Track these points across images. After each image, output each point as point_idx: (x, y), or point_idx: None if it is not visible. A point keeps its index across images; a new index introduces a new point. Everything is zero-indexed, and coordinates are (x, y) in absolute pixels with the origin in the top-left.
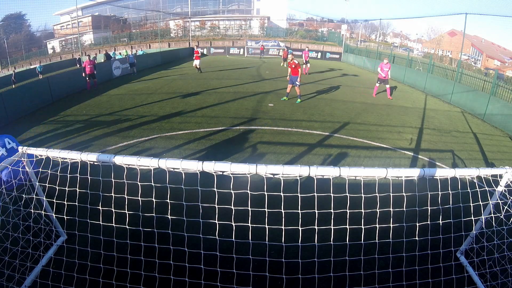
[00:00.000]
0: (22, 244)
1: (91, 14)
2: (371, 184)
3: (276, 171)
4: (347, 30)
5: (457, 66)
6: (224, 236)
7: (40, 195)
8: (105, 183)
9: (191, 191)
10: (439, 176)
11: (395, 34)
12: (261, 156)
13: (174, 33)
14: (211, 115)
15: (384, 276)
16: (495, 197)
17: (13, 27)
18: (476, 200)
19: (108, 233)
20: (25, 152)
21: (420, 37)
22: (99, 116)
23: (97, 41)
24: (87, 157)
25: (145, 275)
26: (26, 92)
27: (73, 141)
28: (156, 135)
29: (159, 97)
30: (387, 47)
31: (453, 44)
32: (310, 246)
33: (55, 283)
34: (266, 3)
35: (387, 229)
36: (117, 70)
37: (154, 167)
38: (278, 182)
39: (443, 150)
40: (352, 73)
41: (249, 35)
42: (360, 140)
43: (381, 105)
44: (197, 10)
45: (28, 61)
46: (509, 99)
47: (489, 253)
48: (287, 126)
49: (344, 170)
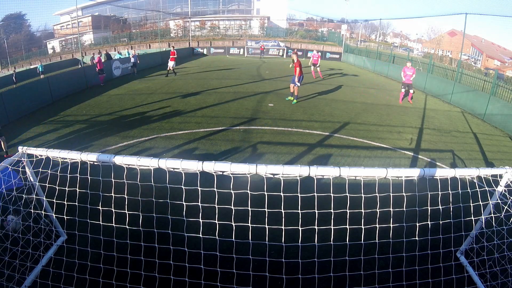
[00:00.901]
0: (21, 244)
1: (91, 14)
2: (371, 184)
3: (276, 171)
4: (347, 30)
5: (457, 66)
6: (224, 236)
7: (40, 195)
8: (105, 183)
9: (191, 191)
10: (439, 176)
11: (395, 34)
12: (261, 156)
13: (174, 33)
14: (211, 115)
15: (384, 276)
16: (495, 197)
17: (13, 27)
18: (476, 200)
19: (108, 233)
20: (25, 152)
21: (420, 37)
22: (99, 116)
23: (97, 41)
24: (87, 157)
25: (145, 275)
26: (26, 92)
27: (73, 141)
28: (156, 135)
29: (159, 97)
30: (387, 47)
31: (453, 44)
32: (310, 246)
33: (55, 283)
34: (266, 3)
35: (387, 229)
36: (117, 70)
37: (154, 167)
38: (278, 182)
39: (443, 150)
40: (352, 73)
41: (249, 35)
42: (360, 140)
43: (381, 105)
44: (197, 10)
45: (28, 61)
46: (509, 99)
47: (489, 253)
48: (287, 126)
49: (344, 170)
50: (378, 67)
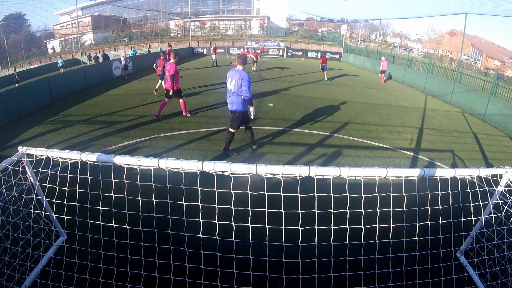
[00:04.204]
0: (21, 244)
1: (91, 14)
2: (371, 184)
3: (276, 171)
4: (347, 30)
5: (457, 66)
6: (224, 236)
7: (40, 195)
8: (105, 183)
9: (191, 191)
10: (439, 176)
11: (395, 34)
12: (261, 156)
13: (174, 33)
14: (211, 115)
15: (384, 276)
16: (495, 197)
17: (13, 27)
18: (476, 200)
19: (108, 233)
20: (25, 152)
21: (420, 37)
22: (99, 116)
23: (97, 41)
24: (87, 157)
25: (145, 275)
26: (26, 92)
27: (73, 141)
28: (156, 135)
29: (159, 97)
30: (387, 47)
31: (453, 44)
32: (310, 246)
33: (55, 283)
34: (266, 3)
35: (387, 229)
36: (117, 70)
37: (154, 167)
38: (278, 182)
39: (443, 150)
40: (352, 73)
41: (249, 35)
42: (360, 140)
43: (381, 105)
44: (197, 10)
45: (28, 61)
46: (509, 99)
47: (489, 253)
48: (287, 126)
49: (344, 170)
50: (378, 67)
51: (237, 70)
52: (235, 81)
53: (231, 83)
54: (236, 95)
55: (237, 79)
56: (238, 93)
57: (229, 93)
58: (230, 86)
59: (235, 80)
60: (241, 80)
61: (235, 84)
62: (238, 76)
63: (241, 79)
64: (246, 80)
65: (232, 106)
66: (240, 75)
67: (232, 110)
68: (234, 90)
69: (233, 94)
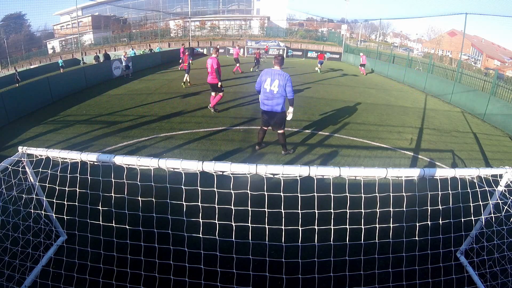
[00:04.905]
0: (21, 244)
1: (91, 14)
2: (371, 184)
3: (276, 171)
4: (347, 30)
5: (457, 66)
6: (224, 236)
7: (40, 195)
8: (105, 183)
9: (191, 191)
10: (439, 176)
11: (395, 34)
12: (261, 156)
13: (174, 33)
14: (211, 115)
15: (384, 276)
16: (495, 197)
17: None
18: (476, 200)
19: (108, 233)
20: (25, 152)
21: (420, 37)
22: (99, 116)
23: (97, 41)
24: (87, 157)
25: (145, 275)
26: (26, 92)
27: (73, 141)
28: (156, 135)
29: (159, 97)
30: (387, 47)
31: (453, 44)
32: (310, 246)
33: (55, 283)
34: (266, 3)
35: (387, 229)
36: (117, 70)
37: (154, 167)
38: (278, 182)
39: (443, 150)
40: (352, 73)
41: (249, 35)
42: (360, 140)
43: (381, 105)
44: (197, 10)
45: (28, 61)
46: (509, 99)
47: (489, 253)
48: (287, 126)
49: (344, 170)
50: (378, 67)
51: (277, 71)
52: (278, 82)
53: (272, 84)
54: (279, 96)
55: (281, 80)
56: (282, 94)
57: (270, 93)
58: (270, 87)
59: (277, 80)
60: (286, 81)
61: (278, 84)
62: (280, 77)
63: (286, 80)
64: (290, 80)
65: (278, 107)
66: (283, 76)
67: (276, 111)
68: (277, 90)
69: (276, 95)
